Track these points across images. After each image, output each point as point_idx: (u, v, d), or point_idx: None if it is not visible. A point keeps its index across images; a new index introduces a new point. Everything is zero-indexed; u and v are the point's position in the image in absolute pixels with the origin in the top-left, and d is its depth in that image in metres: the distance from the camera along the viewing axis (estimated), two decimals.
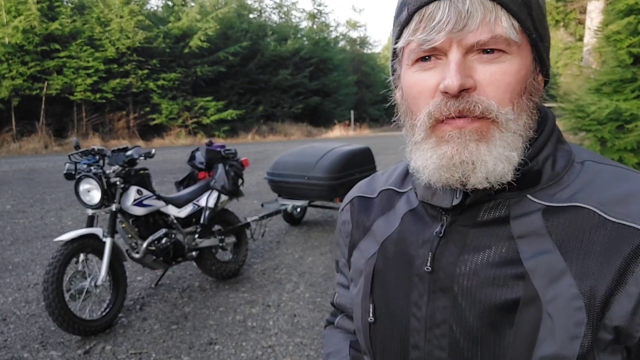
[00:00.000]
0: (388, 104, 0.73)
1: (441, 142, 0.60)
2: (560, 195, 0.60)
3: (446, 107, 0.57)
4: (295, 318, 3.46)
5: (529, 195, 0.62)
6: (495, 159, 0.57)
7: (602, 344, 0.54)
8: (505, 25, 0.56)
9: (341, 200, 5.56)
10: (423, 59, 0.60)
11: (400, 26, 0.62)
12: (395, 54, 0.67)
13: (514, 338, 0.57)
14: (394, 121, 0.71)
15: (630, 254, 0.53)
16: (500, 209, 0.62)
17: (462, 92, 0.56)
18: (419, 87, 0.61)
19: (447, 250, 0.65)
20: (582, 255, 0.56)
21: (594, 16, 9.35)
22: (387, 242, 0.74)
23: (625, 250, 0.54)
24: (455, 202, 0.64)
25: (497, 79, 0.57)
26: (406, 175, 0.79)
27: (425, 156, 0.61)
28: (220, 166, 4.13)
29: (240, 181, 4.23)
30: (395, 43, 0.64)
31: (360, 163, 5.70)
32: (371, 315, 0.72)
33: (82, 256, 3.13)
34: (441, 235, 0.66)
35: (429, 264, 0.65)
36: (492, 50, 0.57)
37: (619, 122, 4.53)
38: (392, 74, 0.70)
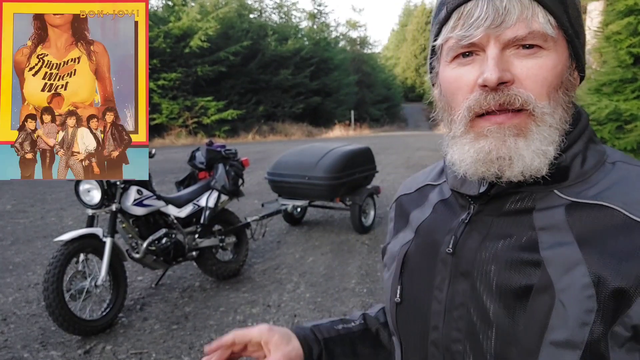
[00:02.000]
0: (388, 104, 0.74)
1: (479, 136, 0.62)
2: (586, 193, 0.61)
3: (485, 100, 0.59)
4: (296, 318, 3.46)
5: (555, 191, 0.63)
6: (532, 153, 0.59)
7: (620, 340, 0.54)
8: (541, 21, 0.58)
9: (341, 200, 5.58)
10: (462, 55, 0.62)
11: (439, 24, 0.65)
12: (433, 52, 0.69)
13: (526, 323, 0.59)
14: (431, 118, 0.74)
15: None
16: (526, 202, 0.64)
17: (501, 85, 0.58)
18: (457, 82, 0.63)
19: (471, 237, 0.67)
20: (600, 249, 0.56)
21: (594, 16, 9.33)
22: (420, 229, 0.77)
23: None
24: (482, 189, 0.66)
25: (535, 73, 0.59)
26: (442, 171, 0.83)
27: (462, 150, 0.63)
28: (221, 166, 4.13)
29: (240, 181, 4.24)
30: (434, 40, 0.67)
31: (360, 163, 5.71)
32: (398, 296, 0.75)
33: (82, 256, 3.14)
34: (466, 222, 0.69)
35: (450, 247, 0.68)
36: (530, 46, 0.59)
37: (619, 122, 4.53)
38: (430, 72, 0.72)
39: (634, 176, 0.61)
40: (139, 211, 3.43)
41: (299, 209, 6.14)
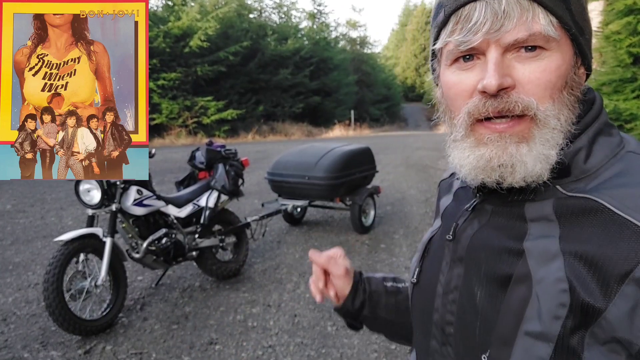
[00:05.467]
0: (388, 104, 0.74)
1: (480, 143, 0.61)
2: (584, 187, 0.59)
3: (484, 107, 0.58)
4: (296, 318, 3.46)
5: (558, 187, 0.61)
6: (534, 159, 0.58)
7: (600, 339, 0.52)
8: (542, 22, 0.56)
9: (341, 200, 5.57)
10: (463, 58, 0.61)
11: (438, 27, 0.63)
12: (434, 54, 0.68)
13: (504, 312, 0.59)
14: (433, 119, 0.74)
15: (631, 255, 0.50)
16: (528, 194, 0.63)
17: (501, 91, 0.57)
18: (456, 88, 0.62)
19: (471, 225, 0.69)
20: (578, 244, 0.55)
21: (593, 16, 9.35)
22: (443, 216, 0.81)
23: (626, 249, 0.51)
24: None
25: (537, 76, 0.57)
26: None
27: (462, 155, 0.63)
28: (221, 166, 4.13)
29: (240, 181, 4.24)
30: (434, 44, 0.66)
31: (360, 163, 5.70)
32: (415, 277, 0.79)
33: (82, 256, 3.14)
34: (470, 210, 0.71)
35: (450, 233, 0.71)
36: (532, 48, 0.57)
37: (619, 122, 4.54)
38: (432, 73, 0.72)
39: (635, 168, 0.58)
40: (139, 211, 3.43)
41: (298, 209, 6.14)
